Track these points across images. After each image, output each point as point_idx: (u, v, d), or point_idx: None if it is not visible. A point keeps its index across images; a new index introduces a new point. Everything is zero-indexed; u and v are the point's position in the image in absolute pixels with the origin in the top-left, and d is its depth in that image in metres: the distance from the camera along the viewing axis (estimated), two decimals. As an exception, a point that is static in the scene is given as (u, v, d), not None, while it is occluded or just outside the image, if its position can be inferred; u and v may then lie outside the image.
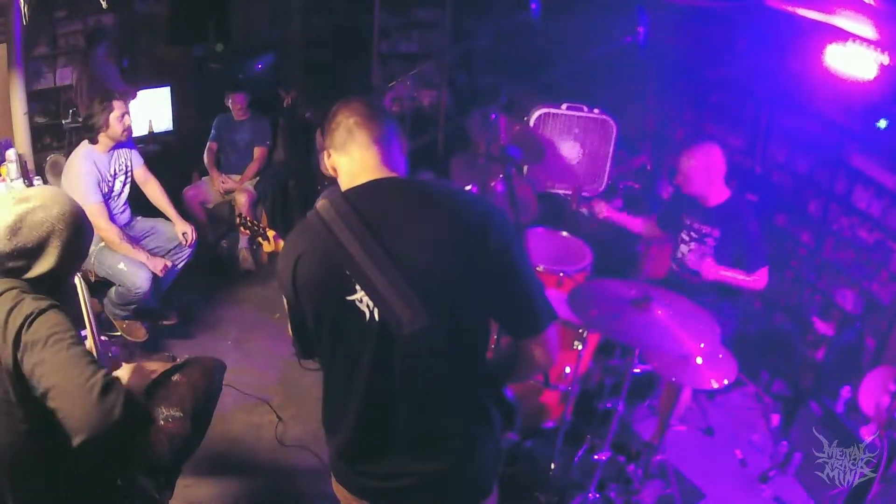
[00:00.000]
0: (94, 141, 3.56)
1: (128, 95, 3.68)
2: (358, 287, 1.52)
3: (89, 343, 1.89)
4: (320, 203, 1.58)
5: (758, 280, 3.18)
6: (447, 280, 1.50)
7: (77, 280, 1.94)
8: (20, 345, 1.59)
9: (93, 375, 1.57)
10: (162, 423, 2.14)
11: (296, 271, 1.57)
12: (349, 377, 1.62)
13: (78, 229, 1.79)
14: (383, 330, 1.52)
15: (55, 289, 1.78)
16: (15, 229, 1.70)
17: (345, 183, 1.64)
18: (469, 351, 1.61)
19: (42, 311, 1.63)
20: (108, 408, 1.55)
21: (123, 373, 1.97)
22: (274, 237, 2.81)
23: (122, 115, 3.55)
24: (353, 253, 1.49)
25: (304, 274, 1.57)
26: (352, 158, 1.62)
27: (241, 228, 2.90)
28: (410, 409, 1.60)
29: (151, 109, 4.80)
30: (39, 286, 1.74)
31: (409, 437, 1.63)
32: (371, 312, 1.53)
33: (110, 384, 1.59)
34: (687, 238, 3.37)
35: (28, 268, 1.73)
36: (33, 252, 1.72)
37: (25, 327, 1.60)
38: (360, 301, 1.53)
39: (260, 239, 2.85)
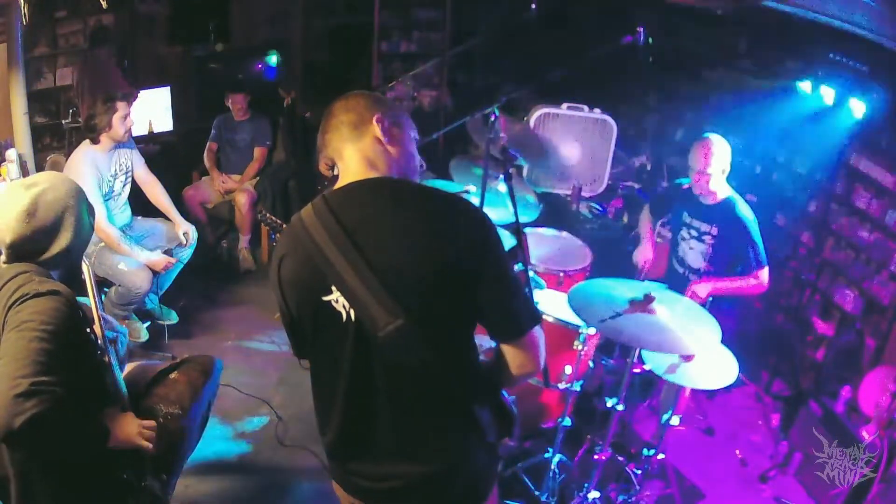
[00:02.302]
0: (95, 141, 3.57)
1: (131, 96, 3.68)
2: (333, 287, 1.52)
3: (97, 330, 1.92)
4: (305, 206, 1.59)
5: (757, 283, 3.17)
6: (422, 281, 1.49)
7: (85, 267, 1.98)
8: (6, 319, 1.65)
9: (28, 376, 1.54)
10: (161, 420, 2.15)
11: (280, 273, 1.60)
12: (332, 378, 1.62)
13: (86, 204, 1.92)
14: (360, 331, 1.52)
15: (68, 267, 1.87)
16: (32, 212, 1.80)
17: (337, 183, 1.63)
18: (449, 353, 1.58)
19: (38, 295, 1.67)
20: (14, 412, 1.51)
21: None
22: None
23: (126, 116, 3.57)
24: (329, 254, 1.49)
25: (287, 275, 1.59)
26: (341, 159, 1.62)
27: (260, 221, 2.96)
28: (393, 411, 1.59)
29: (151, 109, 4.80)
30: (55, 266, 1.82)
31: (394, 439, 1.62)
32: (348, 313, 1.53)
33: (35, 393, 1.53)
34: (687, 236, 3.38)
35: (47, 247, 1.82)
36: (51, 231, 1.82)
37: (17, 303, 1.66)
38: (336, 301, 1.53)
39: (278, 235, 2.89)
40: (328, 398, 1.66)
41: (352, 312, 1.52)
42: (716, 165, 3.16)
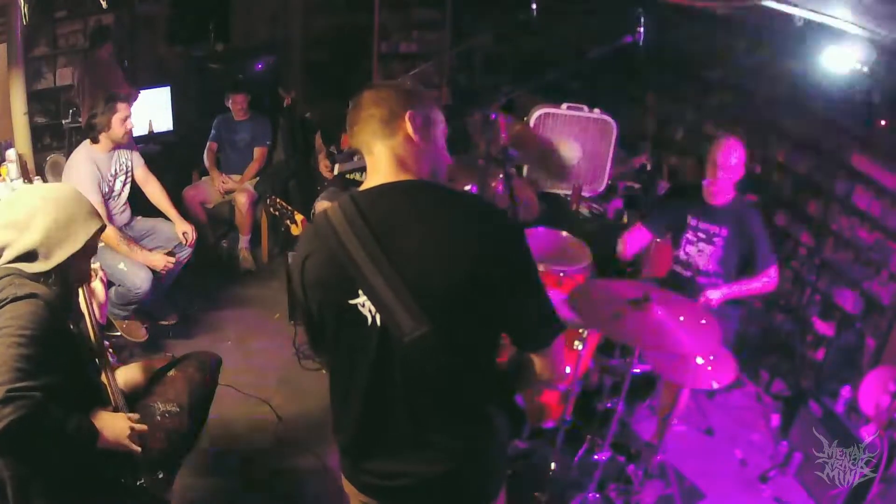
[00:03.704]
0: (95, 140, 3.57)
1: (131, 97, 3.68)
2: (360, 291, 1.51)
3: (90, 330, 1.92)
4: (330, 205, 1.57)
5: (768, 281, 3.17)
6: (449, 289, 1.47)
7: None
8: None
9: (4, 384, 1.55)
10: (159, 418, 2.15)
11: (304, 271, 1.59)
12: (351, 378, 1.62)
13: (78, 215, 1.84)
14: (384, 335, 1.51)
15: (61, 271, 1.83)
16: (10, 203, 1.80)
17: (366, 182, 1.60)
18: (472, 360, 1.57)
19: (16, 299, 1.66)
20: None
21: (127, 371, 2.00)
22: (302, 221, 2.83)
23: (126, 118, 3.56)
24: (357, 257, 1.47)
25: (311, 274, 1.58)
26: (370, 154, 1.58)
27: (271, 209, 2.96)
28: (411, 414, 1.59)
29: (151, 109, 4.80)
30: (46, 277, 1.78)
31: (410, 440, 1.62)
32: (373, 317, 1.52)
33: (12, 400, 1.54)
34: (693, 238, 3.34)
35: (11, 244, 1.77)
36: (21, 227, 1.77)
37: None
38: (363, 305, 1.52)
39: (288, 222, 2.90)
40: (346, 397, 1.66)
41: (377, 317, 1.50)
42: (741, 165, 3.14)
